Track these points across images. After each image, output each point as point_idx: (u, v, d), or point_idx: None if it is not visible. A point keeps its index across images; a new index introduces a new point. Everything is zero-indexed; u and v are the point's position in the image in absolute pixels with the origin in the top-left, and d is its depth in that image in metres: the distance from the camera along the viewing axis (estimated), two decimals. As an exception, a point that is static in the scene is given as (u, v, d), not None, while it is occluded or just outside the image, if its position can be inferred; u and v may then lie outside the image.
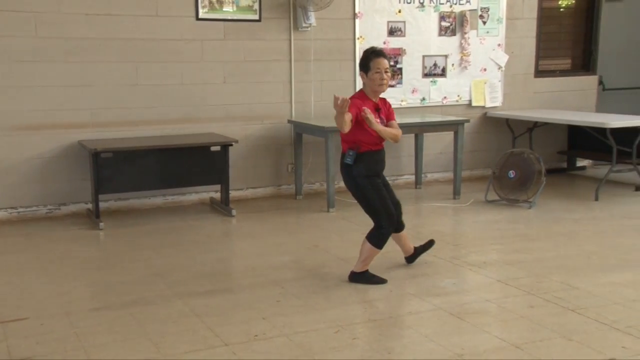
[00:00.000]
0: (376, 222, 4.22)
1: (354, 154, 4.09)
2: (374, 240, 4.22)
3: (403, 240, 4.55)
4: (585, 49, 8.26)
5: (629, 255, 4.79)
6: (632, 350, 3.23)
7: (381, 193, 4.19)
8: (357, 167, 4.13)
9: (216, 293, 4.12)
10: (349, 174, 4.17)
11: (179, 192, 6.52)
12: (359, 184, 4.16)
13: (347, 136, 4.11)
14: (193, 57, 6.43)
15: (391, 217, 4.21)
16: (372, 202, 4.17)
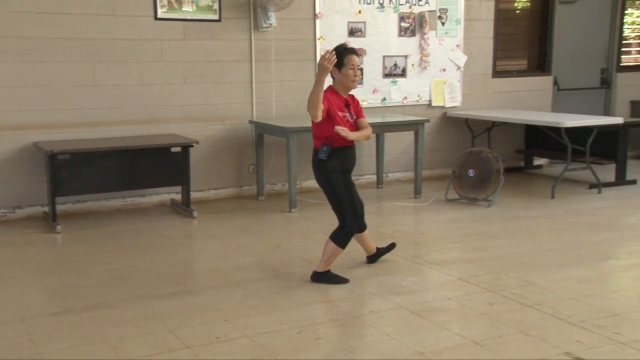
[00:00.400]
0: (341, 221, 4.23)
1: (327, 150, 4.10)
2: (337, 240, 4.22)
3: (366, 241, 4.57)
4: (541, 50, 8.41)
5: (583, 251, 4.90)
6: (586, 344, 3.31)
7: (351, 191, 4.21)
8: (332, 162, 4.13)
9: (177, 295, 4.07)
10: (323, 169, 4.17)
11: (139, 193, 6.43)
12: (331, 179, 4.15)
13: (320, 132, 4.13)
14: (152, 57, 6.35)
15: (357, 216, 4.24)
16: (342, 199, 4.18)
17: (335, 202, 4.21)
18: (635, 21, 9.13)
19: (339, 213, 4.23)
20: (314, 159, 4.22)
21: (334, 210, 4.26)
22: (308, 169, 7.09)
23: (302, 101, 6.97)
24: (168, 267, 4.64)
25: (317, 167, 4.20)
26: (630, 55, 9.07)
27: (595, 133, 6.71)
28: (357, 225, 4.27)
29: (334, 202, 4.22)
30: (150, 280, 4.35)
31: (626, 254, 4.92)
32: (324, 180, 4.20)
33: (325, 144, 4.12)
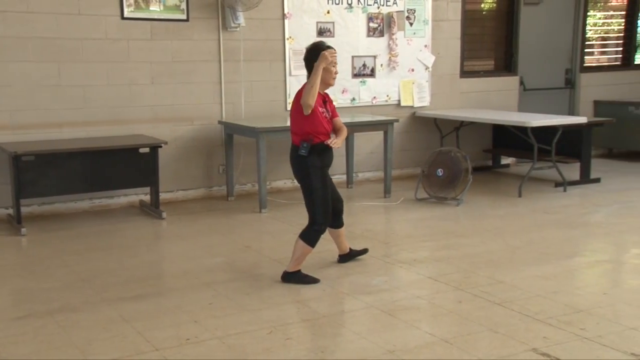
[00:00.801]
0: (311, 218, 4.22)
1: (308, 146, 4.12)
2: (307, 238, 4.22)
3: (341, 238, 4.58)
4: (507, 50, 8.51)
5: (549, 248, 4.97)
6: (552, 340, 3.35)
7: (327, 190, 4.22)
8: (312, 158, 4.15)
9: (146, 297, 4.02)
10: (303, 165, 4.17)
11: (106, 195, 6.35)
12: (310, 174, 4.16)
13: (300, 128, 4.14)
14: (119, 57, 6.27)
15: (328, 215, 4.23)
16: (316, 195, 4.17)
17: (309, 198, 4.21)
18: (597, 22, 9.30)
19: (310, 210, 4.22)
20: (293, 155, 4.22)
21: (307, 207, 4.25)
22: (278, 168, 7.12)
23: (272, 101, 7.05)
24: (136, 269, 4.58)
25: (297, 163, 4.20)
26: (593, 56, 9.24)
27: (560, 132, 6.81)
28: (327, 224, 4.27)
29: (309, 197, 4.21)
30: (118, 283, 4.29)
31: (590, 251, 5.00)
32: (302, 175, 4.20)
33: (304, 140, 4.13)
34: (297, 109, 4.17)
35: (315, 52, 4.18)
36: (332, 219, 4.39)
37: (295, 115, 4.19)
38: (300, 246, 4.23)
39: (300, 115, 4.13)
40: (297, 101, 4.17)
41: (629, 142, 8.77)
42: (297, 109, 4.17)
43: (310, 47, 4.26)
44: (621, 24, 9.35)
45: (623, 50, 9.37)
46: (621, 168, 8.27)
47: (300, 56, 7.03)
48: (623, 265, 4.72)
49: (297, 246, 4.25)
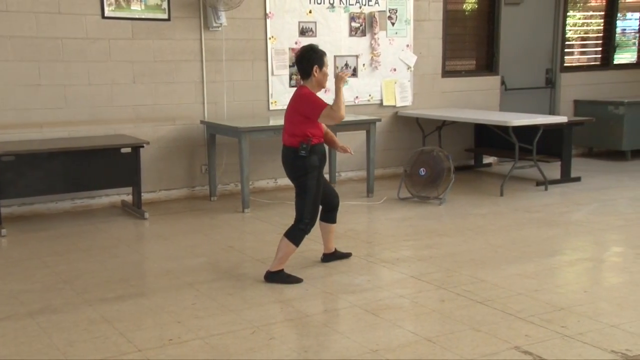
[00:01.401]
0: (299, 217, 4.23)
1: (307, 147, 4.16)
2: (291, 236, 4.22)
3: (330, 235, 4.60)
4: (488, 50, 8.56)
5: (530, 247, 5.00)
6: (533, 338, 3.38)
7: (319, 191, 4.27)
8: (311, 158, 4.20)
9: (128, 298, 4.00)
10: (302, 165, 4.20)
11: (88, 195, 6.30)
12: (308, 174, 4.20)
13: (301, 131, 4.18)
14: (100, 57, 6.22)
15: (315, 217, 4.27)
16: (309, 194, 4.20)
17: (301, 196, 4.23)
18: (577, 23, 9.39)
19: (299, 208, 4.24)
20: (290, 156, 4.23)
21: (296, 205, 4.26)
22: (260, 168, 7.10)
23: (254, 101, 7.03)
24: (118, 270, 4.55)
25: (295, 164, 4.22)
26: (573, 56, 9.32)
27: (541, 132, 6.86)
28: (313, 225, 4.28)
29: (301, 197, 4.24)
30: (99, 283, 4.26)
31: (571, 249, 5.05)
32: (299, 174, 4.22)
33: (304, 141, 4.17)
34: (296, 112, 4.19)
35: (319, 55, 4.22)
36: (328, 213, 4.50)
37: (295, 119, 4.20)
38: (284, 245, 4.23)
39: (302, 118, 4.17)
40: (298, 105, 4.19)
41: (609, 141, 8.87)
42: (296, 112, 4.19)
43: (306, 49, 4.27)
44: (600, 24, 9.44)
45: (602, 50, 9.46)
46: (601, 167, 8.35)
47: (282, 55, 7.08)
48: (603, 264, 4.77)
49: (281, 245, 4.25)
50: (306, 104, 4.17)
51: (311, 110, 4.16)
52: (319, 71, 4.23)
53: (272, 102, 7.11)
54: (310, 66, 4.21)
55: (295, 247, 4.26)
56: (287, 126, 4.27)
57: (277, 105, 7.12)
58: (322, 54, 4.25)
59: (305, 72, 4.25)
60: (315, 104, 4.16)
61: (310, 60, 4.22)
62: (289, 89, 7.14)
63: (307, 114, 4.16)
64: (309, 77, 4.25)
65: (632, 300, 3.90)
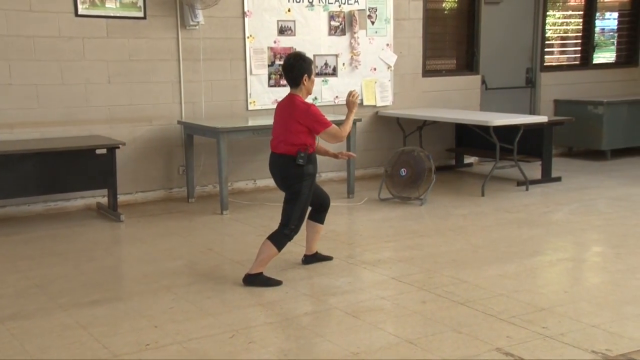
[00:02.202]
0: (284, 222, 4.25)
1: (305, 155, 4.22)
2: (275, 240, 4.24)
3: (316, 236, 4.61)
4: (468, 49, 8.62)
5: (511, 247, 5.04)
6: (515, 339, 3.40)
7: (309, 199, 4.33)
8: (308, 167, 4.26)
9: (104, 302, 3.96)
10: (299, 174, 4.23)
11: (62, 197, 6.23)
12: (303, 182, 4.24)
13: (299, 139, 4.22)
14: (73, 56, 6.16)
15: (300, 224, 4.30)
16: (300, 201, 4.24)
17: (292, 203, 4.25)
18: (557, 22, 9.49)
19: (287, 213, 4.26)
20: (285, 165, 4.25)
21: (284, 210, 4.28)
22: (239, 169, 7.08)
23: (233, 101, 7.01)
24: (94, 274, 4.51)
25: (292, 172, 4.24)
26: (553, 56, 9.42)
27: (521, 131, 6.92)
28: (297, 232, 4.29)
29: (291, 203, 4.26)
30: (74, 288, 4.22)
31: (552, 249, 5.10)
32: (294, 182, 4.24)
33: (301, 150, 4.22)
34: (297, 122, 4.21)
35: (303, 65, 4.27)
36: (318, 213, 4.57)
37: (294, 128, 4.22)
38: (266, 248, 4.23)
39: (303, 129, 4.22)
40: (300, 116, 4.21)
41: (589, 141, 8.97)
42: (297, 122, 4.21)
43: (295, 58, 4.29)
44: (579, 24, 9.55)
45: (582, 49, 9.57)
46: (581, 167, 8.45)
47: (260, 55, 7.07)
48: (584, 263, 4.82)
49: (264, 248, 4.24)
50: (312, 119, 4.23)
51: (317, 126, 4.25)
52: (308, 80, 4.30)
53: (251, 102, 7.10)
54: (300, 75, 4.27)
55: (277, 252, 4.26)
56: (282, 134, 4.27)
57: (256, 105, 7.10)
58: (310, 62, 4.33)
59: (294, 81, 4.30)
60: (321, 121, 4.26)
61: (300, 69, 4.27)
62: (267, 89, 7.13)
63: (311, 127, 4.25)
64: (298, 86, 4.30)
65: (612, 300, 3.95)
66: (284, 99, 4.40)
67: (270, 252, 4.24)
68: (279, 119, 4.34)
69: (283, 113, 4.31)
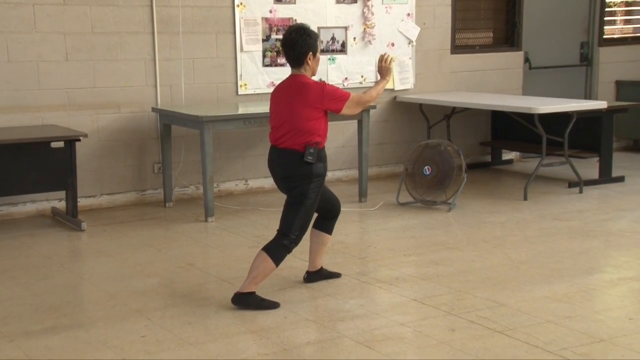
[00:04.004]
0: (284, 230, 4.27)
1: (315, 151, 4.25)
2: (272, 252, 4.24)
3: (321, 248, 4.63)
4: (509, 20, 8.61)
5: (561, 263, 5.03)
6: (568, 375, 3.41)
7: (315, 205, 4.35)
8: (317, 166, 4.29)
9: (61, 330, 3.98)
10: (307, 174, 4.25)
11: (8, 201, 6.26)
12: (311, 183, 4.27)
13: (316, 128, 4.26)
14: (22, 27, 6.19)
15: (303, 233, 4.32)
16: (304, 206, 4.27)
17: (294, 207, 4.28)
18: (620, -14, 9.48)
19: (288, 220, 4.28)
20: (291, 162, 4.27)
21: (284, 215, 4.31)
22: (228, 167, 7.09)
23: (219, 83, 7.02)
24: (47, 295, 4.53)
25: (298, 172, 4.26)
26: (615, 26, 9.37)
27: (574, 120, 6.91)
28: (298, 243, 4.31)
29: (293, 207, 4.28)
30: (23, 313, 4.23)
31: (613, 266, 5.09)
32: (300, 183, 4.26)
33: (310, 144, 4.23)
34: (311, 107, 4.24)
35: (308, 41, 4.29)
36: (326, 221, 4.60)
37: (308, 114, 4.25)
38: (261, 261, 4.24)
39: (319, 114, 4.27)
40: (316, 98, 4.25)
41: (658, 132, 8.97)
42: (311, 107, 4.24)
43: (299, 33, 4.31)
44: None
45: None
46: (648, 164, 8.44)
47: (253, 27, 7.08)
48: (650, 283, 4.82)
49: (258, 261, 4.25)
50: (330, 98, 4.29)
51: (337, 104, 4.32)
52: (312, 59, 4.34)
53: (242, 85, 7.11)
54: (303, 53, 4.29)
55: (274, 267, 4.27)
56: (288, 123, 4.27)
57: (248, 89, 7.12)
58: (315, 37, 4.36)
59: (297, 60, 4.32)
60: (340, 96, 4.34)
61: (304, 46, 4.29)
62: (261, 69, 7.14)
63: (331, 108, 4.32)
64: (301, 66, 4.33)
65: (685, 327, 3.94)
66: (286, 81, 4.42)
67: (265, 266, 4.24)
68: (280, 106, 4.35)
69: (288, 98, 4.32)
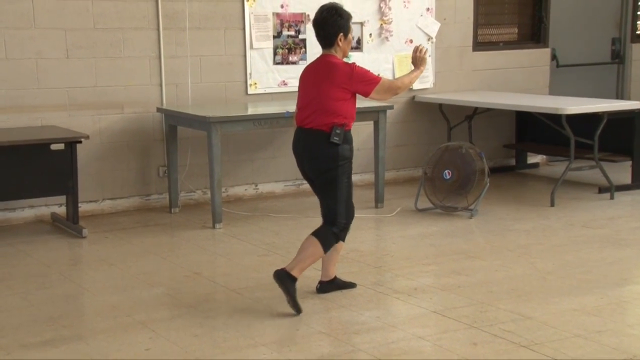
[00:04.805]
0: (330, 218, 4.41)
1: (342, 132, 4.37)
2: (322, 237, 4.36)
3: (334, 256, 4.65)
4: (534, 14, 8.59)
5: (591, 274, 5.01)
6: (598, 393, 3.39)
7: (351, 187, 4.47)
8: (344, 147, 4.40)
9: (60, 343, 3.98)
10: (332, 156, 4.35)
11: (5, 206, 6.28)
12: (339, 167, 4.37)
13: (338, 109, 4.36)
14: (20, 22, 6.22)
15: (350, 217, 4.45)
16: (341, 192, 4.39)
17: (331, 195, 4.39)
18: (654, -21, 9.41)
19: (331, 208, 4.40)
20: (317, 143, 4.37)
21: (325, 205, 4.42)
22: (237, 170, 7.10)
23: (227, 82, 7.03)
24: (46, 305, 4.54)
25: (324, 153, 4.37)
26: (649, 21, 9.33)
27: (605, 121, 6.88)
28: (348, 228, 4.46)
29: (330, 196, 4.40)
30: (21, 324, 4.24)
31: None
32: (329, 168, 4.36)
33: (337, 125, 4.33)
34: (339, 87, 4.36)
35: (339, 21, 4.41)
36: None
37: (335, 94, 4.36)
38: (310, 244, 4.36)
39: (346, 94, 4.38)
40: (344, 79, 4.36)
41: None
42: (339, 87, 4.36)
43: (330, 12, 4.43)
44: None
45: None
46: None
47: (264, 23, 7.09)
48: (686, 295, 4.78)
49: (307, 244, 4.38)
50: (359, 80, 4.40)
51: (365, 87, 4.43)
52: (343, 39, 4.46)
53: (251, 84, 7.12)
54: (334, 33, 4.42)
55: (322, 253, 4.39)
56: (315, 103, 4.39)
57: (258, 88, 7.12)
58: (348, 18, 4.47)
59: (327, 40, 4.46)
60: (370, 79, 4.44)
61: (334, 25, 4.41)
62: (272, 67, 7.15)
63: (360, 91, 4.43)
64: (332, 47, 4.45)
65: None
66: (315, 61, 4.57)
67: (314, 250, 4.36)
68: (308, 85, 4.48)
69: (316, 78, 4.44)
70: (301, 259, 4.35)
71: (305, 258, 4.35)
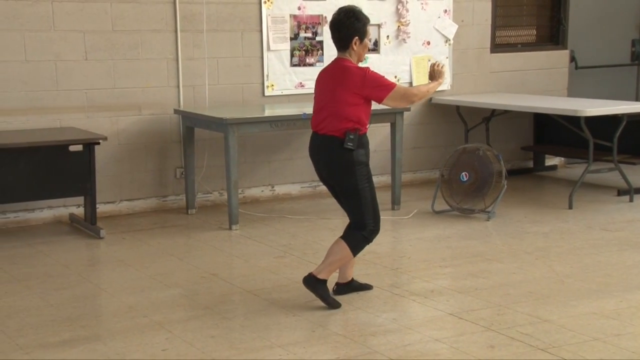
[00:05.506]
0: (360, 223, 4.42)
1: (355, 137, 4.35)
2: (351, 241, 4.38)
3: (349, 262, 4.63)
4: (553, 16, 8.56)
5: (610, 277, 4.99)
6: (616, 396, 3.37)
7: (374, 190, 4.46)
8: (359, 152, 4.39)
9: (78, 343, 4.01)
10: (348, 162, 4.35)
11: (24, 207, 6.32)
12: (356, 172, 4.37)
13: (351, 114, 4.35)
14: (40, 25, 6.25)
15: (378, 221, 4.47)
16: (364, 196, 4.39)
17: (354, 201, 4.41)
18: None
19: (358, 212, 4.42)
20: (331, 149, 4.37)
21: (352, 209, 4.45)
22: (254, 172, 7.11)
23: (245, 84, 7.04)
24: (64, 306, 4.56)
25: (339, 159, 4.37)
26: (668, 24, 9.29)
27: (624, 124, 6.84)
28: (378, 231, 4.47)
29: (354, 203, 4.42)
30: (39, 324, 4.27)
31: (664, 279, 5.03)
32: (345, 173, 4.38)
33: (350, 130, 4.32)
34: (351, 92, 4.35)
35: (356, 25, 4.40)
36: None
37: (349, 99, 4.36)
38: (340, 249, 4.37)
39: (359, 100, 4.36)
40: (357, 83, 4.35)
41: None
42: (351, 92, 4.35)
43: (347, 14, 4.43)
44: None
45: None
46: None
47: (281, 25, 7.10)
48: None
49: (336, 248, 4.40)
50: (372, 85, 4.37)
51: (379, 92, 4.39)
52: (358, 43, 4.43)
53: (268, 86, 7.13)
54: (349, 37, 4.40)
55: (352, 256, 4.42)
56: (328, 108, 4.39)
57: (275, 89, 7.14)
58: (365, 22, 4.45)
59: (342, 42, 4.45)
60: (383, 84, 4.41)
61: (350, 29, 4.39)
62: (289, 69, 7.16)
63: (373, 96, 4.40)
64: (347, 50, 4.44)
65: None
66: (330, 64, 4.56)
67: (343, 254, 4.39)
68: (323, 89, 4.49)
69: (330, 82, 4.44)
70: (330, 263, 4.39)
71: (334, 262, 4.40)
